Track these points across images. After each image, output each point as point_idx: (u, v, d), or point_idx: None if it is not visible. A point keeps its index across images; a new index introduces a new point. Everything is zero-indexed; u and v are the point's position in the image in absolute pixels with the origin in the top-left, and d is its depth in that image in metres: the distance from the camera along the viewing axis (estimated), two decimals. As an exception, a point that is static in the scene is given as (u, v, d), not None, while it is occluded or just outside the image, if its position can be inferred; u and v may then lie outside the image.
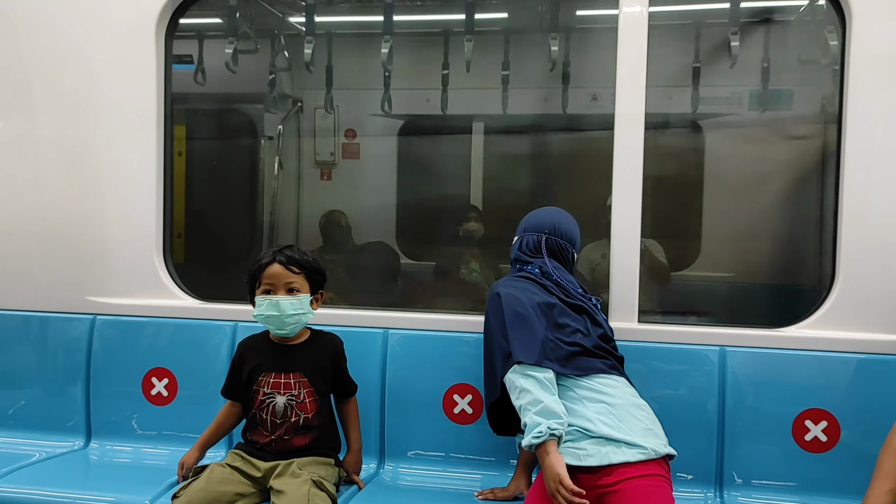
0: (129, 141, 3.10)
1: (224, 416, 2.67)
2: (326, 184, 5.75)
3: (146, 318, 3.03)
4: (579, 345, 2.37)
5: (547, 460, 2.11)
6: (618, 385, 2.36)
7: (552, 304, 2.40)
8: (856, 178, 2.62)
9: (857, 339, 2.58)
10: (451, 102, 4.99)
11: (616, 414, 2.27)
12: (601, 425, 2.24)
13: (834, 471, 2.53)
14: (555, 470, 2.09)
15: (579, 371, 2.33)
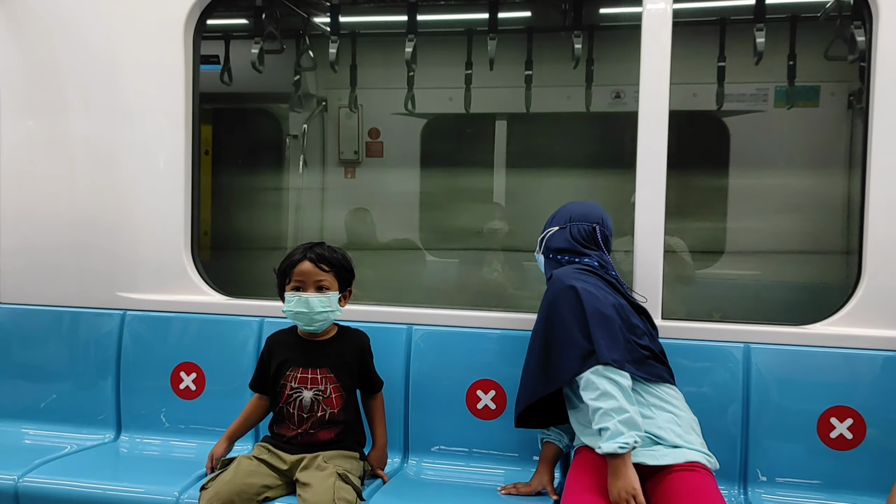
0: (158, 140, 3.15)
1: (252, 409, 2.71)
2: (350, 182, 5.79)
3: (175, 314, 3.09)
4: (649, 349, 2.37)
5: (624, 471, 2.11)
6: (679, 397, 2.41)
7: (622, 304, 2.37)
8: (882, 175, 2.60)
9: (883, 336, 2.57)
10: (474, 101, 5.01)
11: (682, 426, 2.30)
12: (672, 435, 2.27)
13: (859, 469, 2.51)
14: (631, 483, 2.10)
15: (650, 377, 2.33)
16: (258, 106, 5.92)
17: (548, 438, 2.59)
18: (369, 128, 5.74)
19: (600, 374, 2.16)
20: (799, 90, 4.88)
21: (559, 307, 2.30)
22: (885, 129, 2.60)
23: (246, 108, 6.05)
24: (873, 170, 2.61)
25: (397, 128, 5.68)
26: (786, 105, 4.94)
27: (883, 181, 2.60)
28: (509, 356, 2.79)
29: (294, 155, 5.63)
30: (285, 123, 5.75)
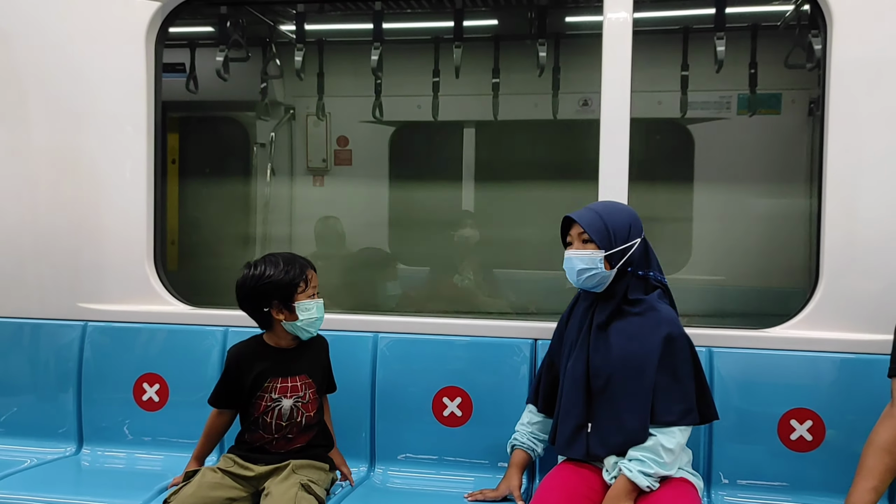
0: (121, 148, 3.12)
1: (215, 427, 2.64)
2: (319, 190, 5.78)
3: (137, 325, 3.05)
4: None
5: (630, 499, 2.23)
6: None
7: None
8: (838, 181, 2.65)
9: (840, 338, 2.61)
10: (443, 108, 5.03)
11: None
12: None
13: (819, 469, 2.55)
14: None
15: None
16: (225, 114, 5.89)
17: (520, 445, 2.55)
18: (337, 136, 5.74)
19: (685, 431, 2.28)
20: (761, 98, 4.97)
21: (672, 350, 2.28)
22: (840, 135, 2.64)
23: (213, 117, 6.02)
24: (829, 176, 2.65)
25: (366, 136, 5.69)
26: (748, 112, 5.03)
27: (838, 187, 2.65)
28: (475, 363, 2.81)
29: (262, 163, 5.61)
30: (253, 132, 5.72)
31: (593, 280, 2.35)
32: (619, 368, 2.30)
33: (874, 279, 2.61)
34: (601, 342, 2.35)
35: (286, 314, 2.49)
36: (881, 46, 2.60)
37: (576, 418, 2.35)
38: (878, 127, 2.61)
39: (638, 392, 2.26)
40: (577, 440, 2.34)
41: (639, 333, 2.31)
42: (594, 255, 2.33)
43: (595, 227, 2.34)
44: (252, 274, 2.49)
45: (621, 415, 2.28)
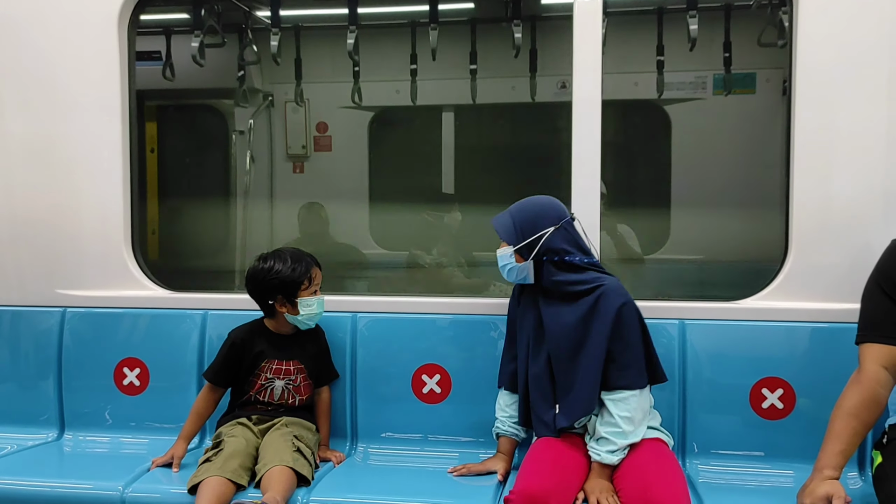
0: (96, 135, 3.11)
1: (205, 404, 2.73)
2: (299, 176, 5.78)
3: (116, 310, 3.06)
4: None
5: (608, 475, 2.34)
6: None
7: None
8: (805, 155, 2.69)
9: (810, 308, 2.66)
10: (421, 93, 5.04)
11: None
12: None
13: (790, 437, 2.60)
14: (609, 485, 2.31)
15: None
16: (203, 102, 5.87)
17: (504, 433, 2.62)
18: (317, 122, 5.73)
19: (638, 396, 2.38)
20: (736, 77, 5.01)
21: (623, 319, 2.39)
22: (806, 110, 2.68)
23: (191, 105, 6.00)
24: (796, 150, 2.69)
25: (345, 121, 5.69)
26: (724, 92, 5.07)
27: (806, 161, 2.69)
28: (452, 340, 2.85)
29: (241, 151, 5.60)
30: (231, 119, 5.70)
31: (514, 273, 2.52)
32: (574, 350, 2.42)
33: (842, 250, 2.65)
34: (553, 330, 2.46)
35: (289, 308, 2.68)
36: (845, 23, 2.64)
37: (548, 404, 2.47)
38: (844, 102, 2.65)
39: (590, 365, 2.39)
40: (547, 420, 2.47)
41: (590, 311, 2.42)
42: (505, 250, 2.53)
43: (502, 225, 2.55)
44: (262, 267, 2.67)
45: (578, 388, 2.40)
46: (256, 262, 2.71)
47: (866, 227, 2.63)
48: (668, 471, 2.26)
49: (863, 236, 2.62)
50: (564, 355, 2.43)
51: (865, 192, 2.64)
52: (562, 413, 2.44)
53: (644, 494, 2.16)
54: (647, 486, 2.19)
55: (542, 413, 2.47)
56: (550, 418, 2.45)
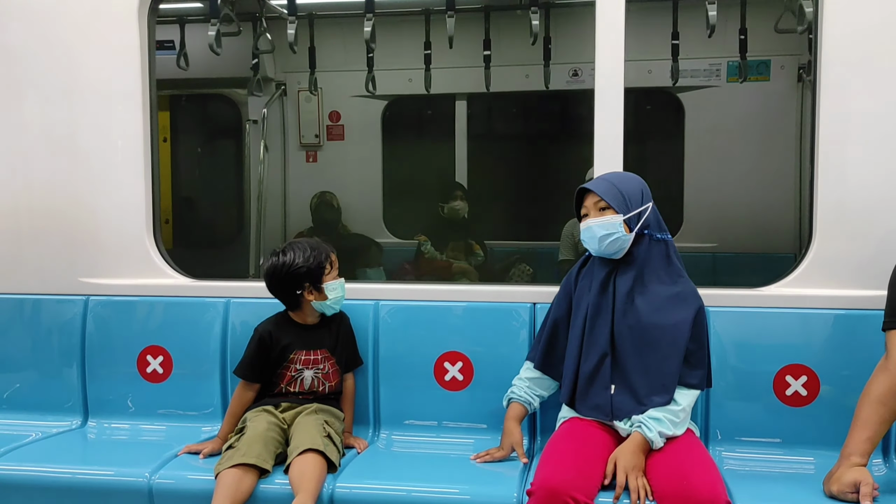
0: (116, 124, 3.11)
1: (241, 403, 2.72)
2: (312, 166, 5.78)
3: (139, 298, 3.07)
4: None
5: (643, 454, 2.33)
6: None
7: None
8: (830, 142, 2.68)
9: (833, 295, 2.66)
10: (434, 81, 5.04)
11: None
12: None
13: (814, 423, 2.60)
14: (643, 464, 2.31)
15: None
16: (216, 91, 5.87)
17: (517, 399, 2.60)
18: (330, 111, 5.74)
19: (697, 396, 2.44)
20: (750, 64, 4.99)
21: (701, 321, 2.44)
22: (832, 97, 2.67)
23: (204, 94, 6.00)
24: (821, 137, 2.68)
25: (358, 110, 5.70)
26: (738, 79, 5.05)
27: (831, 148, 2.68)
28: (474, 328, 2.84)
29: (255, 140, 5.60)
30: (244, 109, 5.71)
31: (615, 245, 2.42)
32: (647, 335, 2.39)
33: (865, 237, 2.65)
34: (628, 308, 2.42)
35: (316, 295, 2.70)
36: (871, 10, 2.62)
37: (600, 381, 2.42)
38: (869, 91, 2.64)
39: (669, 358, 2.37)
40: (601, 401, 2.42)
41: (668, 304, 2.41)
42: (613, 219, 2.41)
43: (611, 193, 2.42)
44: (282, 261, 2.67)
45: (647, 378, 2.37)
46: (273, 258, 2.70)
47: (890, 213, 2.63)
48: (703, 461, 2.25)
49: (887, 223, 2.62)
50: (647, 337, 2.38)
51: (890, 179, 2.63)
52: (620, 397, 2.40)
53: (681, 485, 2.15)
54: (683, 476, 2.17)
55: (596, 395, 2.43)
56: (605, 400, 2.41)
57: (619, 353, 2.42)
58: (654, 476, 2.25)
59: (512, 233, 5.68)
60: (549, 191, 5.54)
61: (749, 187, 5.18)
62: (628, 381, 2.40)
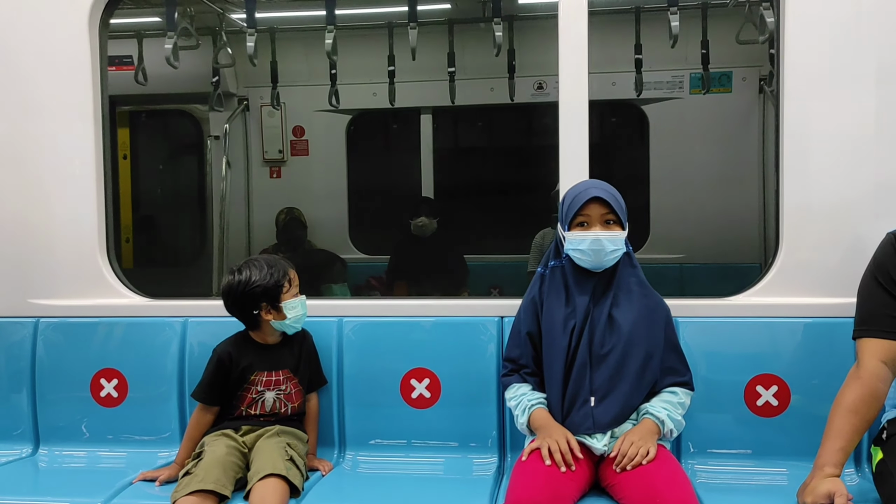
0: (68, 140, 3.02)
1: (199, 426, 2.62)
2: (276, 181, 5.70)
3: (92, 319, 2.95)
4: None
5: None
6: None
7: None
8: (795, 152, 2.67)
9: (801, 303, 2.64)
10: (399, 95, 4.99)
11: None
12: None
13: (786, 434, 2.57)
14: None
15: None
16: (177, 107, 5.78)
17: (542, 404, 2.42)
18: (293, 125, 5.67)
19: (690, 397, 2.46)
20: (712, 76, 5.03)
21: (672, 328, 2.48)
22: (795, 107, 2.66)
23: (164, 110, 5.90)
24: (786, 146, 2.68)
25: (322, 125, 5.63)
26: (701, 91, 5.08)
27: (796, 158, 2.67)
28: (441, 343, 2.78)
29: (217, 156, 5.51)
30: (206, 124, 5.62)
31: (613, 259, 2.41)
32: (628, 346, 2.36)
33: (832, 245, 2.64)
34: (608, 320, 2.39)
35: (274, 314, 2.61)
36: (832, 18, 2.62)
37: (584, 393, 2.36)
38: (832, 100, 2.64)
39: (647, 368, 2.36)
40: (583, 414, 2.35)
41: (644, 314, 2.40)
42: (621, 234, 2.40)
43: (619, 207, 2.39)
44: (238, 280, 2.59)
45: (626, 388, 2.34)
46: (230, 276, 2.61)
47: (856, 221, 2.62)
48: (674, 475, 2.19)
49: (853, 230, 2.61)
50: (618, 349, 2.35)
51: (855, 186, 2.63)
52: (600, 408, 2.33)
53: (653, 500, 2.09)
54: (655, 492, 2.12)
55: (577, 409, 2.35)
56: (585, 415, 2.33)
57: (598, 365, 2.37)
58: (625, 491, 2.20)
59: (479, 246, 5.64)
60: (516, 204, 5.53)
61: (714, 198, 5.20)
62: (605, 392, 2.35)
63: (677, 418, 2.36)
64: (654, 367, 2.39)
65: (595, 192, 2.38)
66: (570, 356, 2.39)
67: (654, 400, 2.39)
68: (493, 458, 2.68)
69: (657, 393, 2.41)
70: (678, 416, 2.36)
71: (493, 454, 2.70)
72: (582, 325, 2.39)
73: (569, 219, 2.41)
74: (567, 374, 2.38)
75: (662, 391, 2.41)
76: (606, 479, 2.29)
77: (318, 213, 5.47)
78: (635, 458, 2.21)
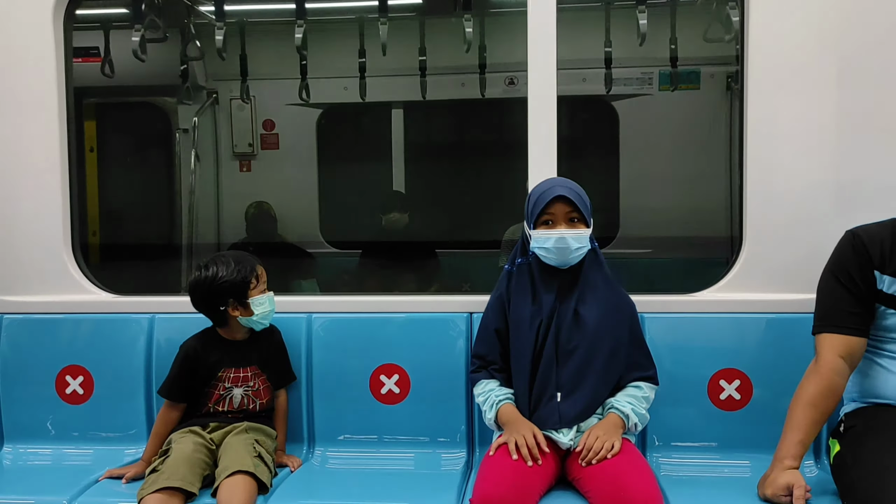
0: (30, 133, 2.97)
1: (166, 423, 2.61)
2: (246, 175, 5.65)
3: (57, 315, 2.91)
4: None
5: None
6: None
7: None
8: (758, 150, 2.71)
9: (764, 299, 2.69)
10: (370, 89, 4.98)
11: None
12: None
13: (748, 427, 2.61)
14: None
15: None
16: (145, 100, 5.70)
17: (510, 399, 2.44)
18: (263, 119, 5.62)
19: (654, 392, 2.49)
20: (681, 74, 5.08)
21: (636, 320, 2.52)
22: (758, 103, 2.70)
23: (132, 103, 5.82)
24: (749, 142, 2.71)
25: (292, 119, 5.59)
26: (670, 88, 5.13)
27: (758, 153, 2.71)
28: (410, 339, 2.78)
29: (185, 149, 5.45)
30: (174, 117, 5.55)
31: (578, 257, 2.42)
32: (594, 342, 2.39)
33: (795, 241, 2.68)
34: (574, 316, 2.41)
35: (241, 310, 2.59)
36: (795, 16, 2.66)
37: (550, 389, 2.38)
38: (794, 95, 2.68)
39: (613, 363, 2.40)
40: (549, 409, 2.37)
41: (609, 310, 2.43)
42: (585, 232, 2.41)
43: (583, 205, 2.41)
44: (205, 276, 2.56)
45: (592, 383, 2.38)
46: (197, 271, 2.60)
47: (819, 218, 2.66)
48: (638, 468, 2.23)
49: (816, 228, 2.65)
50: (584, 345, 2.38)
51: (817, 184, 2.67)
52: (566, 403, 2.35)
53: (617, 493, 2.13)
54: (619, 484, 2.15)
55: (544, 404, 2.37)
56: (552, 410, 2.35)
57: (565, 361, 2.39)
58: (590, 484, 2.23)
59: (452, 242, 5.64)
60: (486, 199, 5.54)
61: (682, 194, 5.25)
62: (571, 387, 2.37)
63: (642, 412, 2.39)
64: (620, 363, 2.43)
65: (559, 190, 2.40)
66: (536, 352, 2.41)
67: (619, 394, 2.42)
68: (461, 453, 2.70)
69: (622, 387, 2.45)
70: (642, 410, 2.40)
71: (461, 449, 2.71)
72: (548, 321, 2.41)
73: (534, 217, 2.43)
74: (534, 369, 2.41)
75: (627, 386, 2.44)
76: (572, 472, 2.32)
77: (289, 207, 5.43)
78: (600, 452, 2.24)
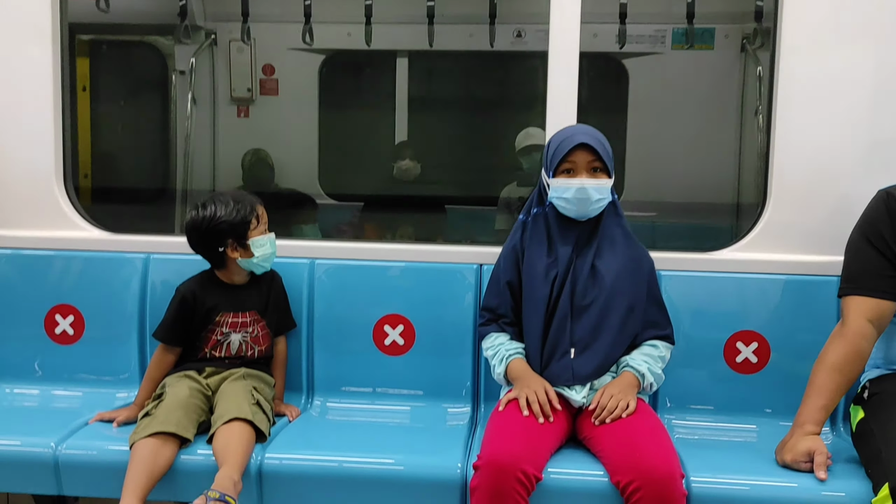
0: (23, 63, 2.83)
1: (161, 367, 2.51)
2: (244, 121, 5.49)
3: (47, 252, 2.79)
4: None
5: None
6: None
7: None
8: (787, 107, 2.60)
9: (786, 260, 2.59)
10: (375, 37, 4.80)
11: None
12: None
13: (764, 391, 2.54)
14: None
15: None
16: (141, 38, 5.51)
17: (518, 354, 2.36)
18: (263, 64, 5.44)
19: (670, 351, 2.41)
20: (695, 32, 4.92)
21: (655, 280, 2.44)
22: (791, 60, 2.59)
23: (127, 41, 5.63)
24: (779, 100, 2.60)
25: (294, 64, 5.42)
26: (684, 46, 4.98)
27: (788, 111, 2.60)
28: (417, 290, 2.69)
29: (182, 92, 5.27)
30: (171, 58, 5.37)
31: (599, 209, 2.33)
32: (611, 298, 2.30)
33: (820, 201, 2.59)
34: (591, 271, 2.32)
35: (241, 252, 2.49)
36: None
37: (564, 345, 2.29)
38: (829, 52, 2.57)
39: (629, 320, 2.31)
40: (562, 366, 2.28)
41: (628, 265, 2.34)
42: (608, 183, 2.31)
43: (607, 155, 2.30)
44: (203, 216, 2.46)
45: (608, 340, 2.29)
46: (194, 211, 2.48)
47: (846, 178, 2.57)
48: (655, 431, 2.14)
49: (842, 188, 2.57)
50: (600, 300, 2.29)
51: (847, 142, 2.57)
52: (580, 359, 2.27)
53: (633, 457, 2.02)
54: (635, 448, 2.05)
55: (557, 360, 2.28)
56: (565, 366, 2.27)
57: (580, 316, 2.30)
58: (603, 443, 2.14)
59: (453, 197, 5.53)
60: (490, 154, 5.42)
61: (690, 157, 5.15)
62: (585, 343, 2.28)
63: (657, 372, 2.31)
64: (636, 320, 2.34)
65: (582, 137, 2.28)
66: (550, 307, 2.31)
67: (635, 353, 2.33)
68: (466, 408, 2.62)
69: (637, 346, 2.36)
70: (658, 370, 2.32)
71: (466, 404, 2.64)
72: (564, 275, 2.32)
73: (554, 165, 2.31)
74: (547, 324, 2.31)
75: (643, 344, 2.35)
76: (584, 431, 2.24)
77: (287, 156, 5.29)
78: (615, 411, 2.16)
